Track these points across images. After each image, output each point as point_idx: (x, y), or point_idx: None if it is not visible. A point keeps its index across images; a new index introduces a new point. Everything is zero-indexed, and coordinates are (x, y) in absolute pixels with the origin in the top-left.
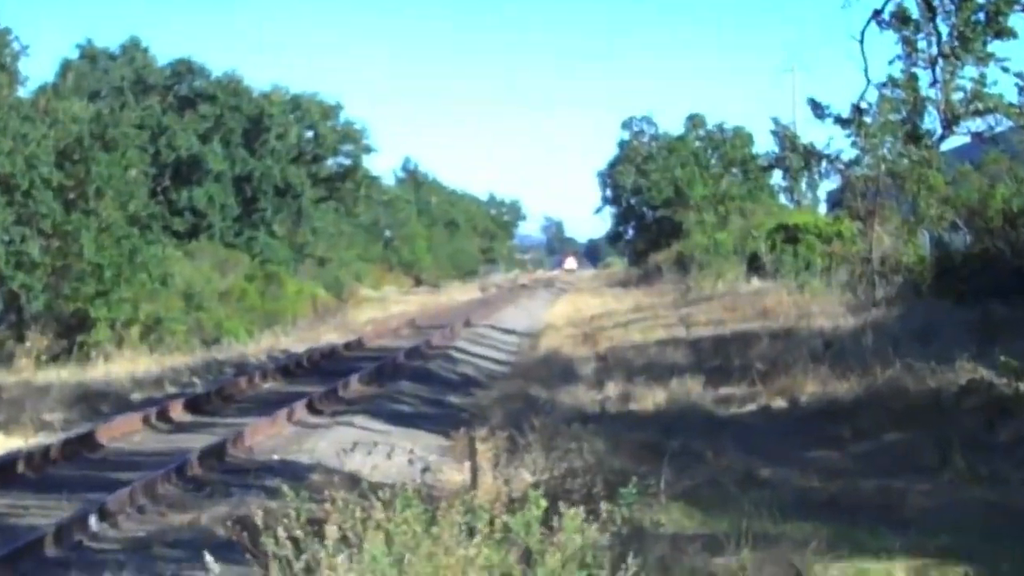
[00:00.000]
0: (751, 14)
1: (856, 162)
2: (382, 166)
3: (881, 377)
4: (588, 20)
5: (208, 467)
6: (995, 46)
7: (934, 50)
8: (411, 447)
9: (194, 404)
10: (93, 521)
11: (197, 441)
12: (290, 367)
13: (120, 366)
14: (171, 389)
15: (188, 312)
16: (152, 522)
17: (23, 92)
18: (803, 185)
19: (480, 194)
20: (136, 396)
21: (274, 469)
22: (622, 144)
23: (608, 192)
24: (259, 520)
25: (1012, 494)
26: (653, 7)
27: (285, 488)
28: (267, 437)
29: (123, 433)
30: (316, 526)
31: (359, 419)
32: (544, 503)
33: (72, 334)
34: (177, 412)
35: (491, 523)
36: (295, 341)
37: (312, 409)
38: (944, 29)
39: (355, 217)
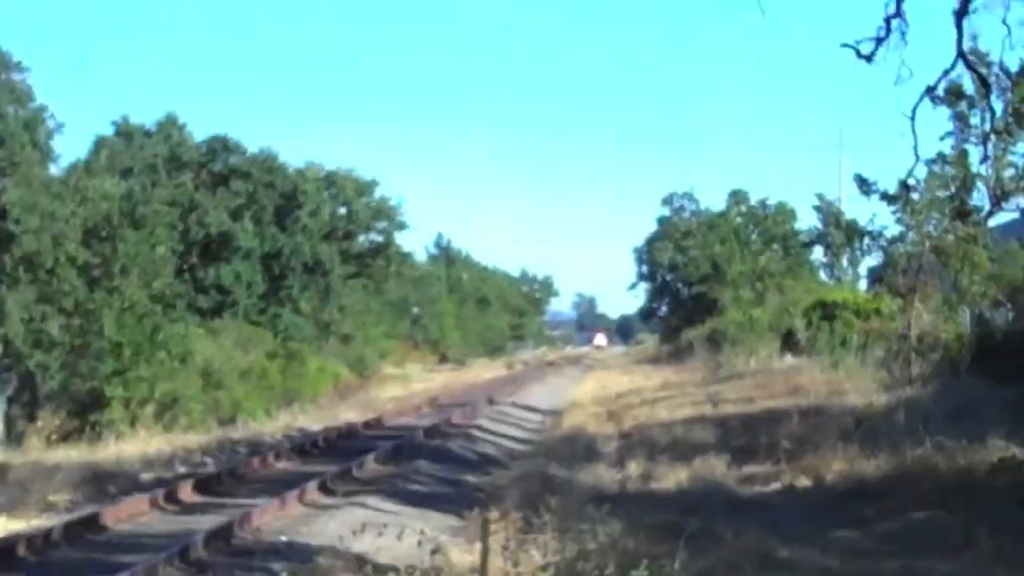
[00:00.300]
0: (798, 89)
1: (900, 239)
2: (415, 242)
3: (911, 456)
4: (631, 96)
5: (214, 549)
6: None
7: (987, 126)
8: (422, 528)
9: (204, 485)
10: None
11: (204, 523)
12: (306, 446)
13: (132, 446)
14: (182, 469)
15: (206, 390)
16: None
17: (55, 170)
18: (844, 261)
19: (512, 270)
20: (146, 476)
21: (281, 551)
22: (661, 220)
23: (644, 268)
24: None
25: None
26: (698, 82)
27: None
28: (275, 518)
29: (130, 515)
30: None
31: (372, 499)
32: None
33: (86, 413)
34: (186, 493)
35: None
36: (313, 420)
37: (325, 489)
38: (999, 106)
39: (384, 294)
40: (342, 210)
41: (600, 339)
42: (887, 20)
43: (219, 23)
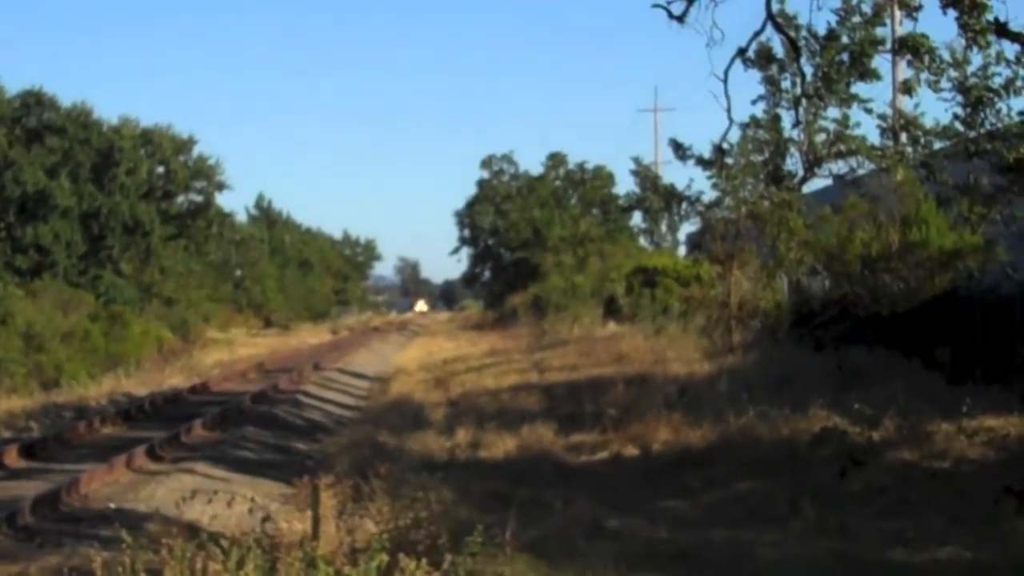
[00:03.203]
0: (617, 50)
1: (717, 204)
2: (235, 203)
3: (735, 425)
4: (448, 55)
5: (41, 516)
6: (858, 87)
7: (798, 90)
8: (253, 495)
9: (29, 450)
10: None
11: (30, 488)
12: (132, 411)
13: None
14: (6, 434)
15: (28, 353)
16: None
17: None
18: (663, 227)
19: (335, 232)
20: None
21: (109, 518)
22: (481, 183)
23: (466, 232)
24: (98, 569)
25: (861, 546)
26: (516, 42)
27: (124, 534)
28: (104, 484)
29: None
30: None
31: (201, 466)
32: (385, 555)
33: None
34: (11, 458)
35: (333, 575)
36: (138, 384)
37: (152, 455)
38: (808, 69)
39: (205, 256)
40: (160, 169)
41: (421, 305)
42: None
43: None
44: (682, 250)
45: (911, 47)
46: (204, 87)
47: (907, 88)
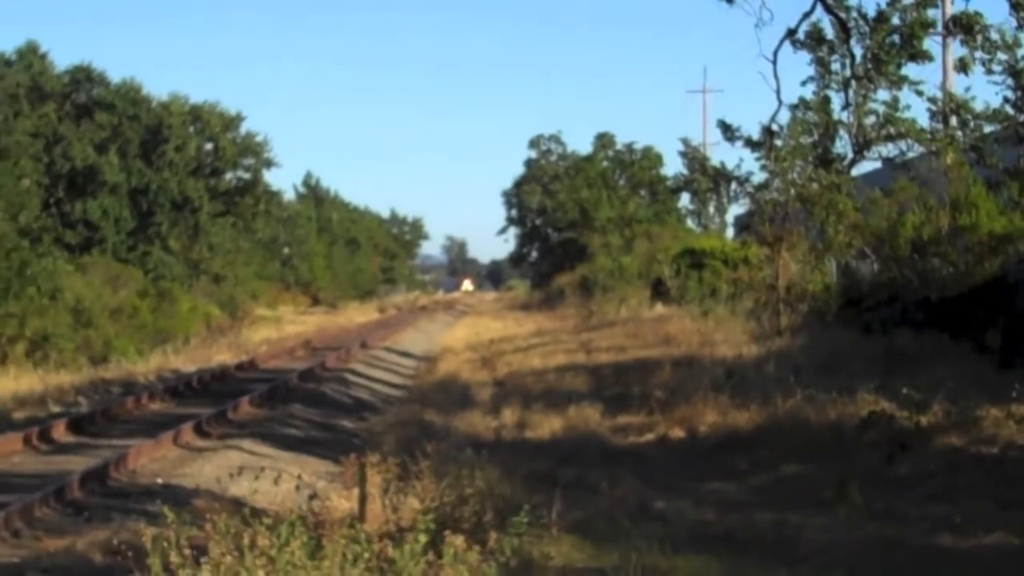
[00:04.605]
0: (666, 31)
1: (765, 186)
2: (283, 181)
3: (782, 408)
4: (497, 36)
5: (89, 490)
6: (909, 69)
7: (847, 72)
8: (299, 472)
9: (78, 425)
10: None
11: (79, 463)
12: (179, 388)
13: (3, 384)
14: (55, 409)
15: (77, 329)
16: (27, 547)
17: None
18: (711, 209)
19: (382, 210)
20: (18, 415)
21: (157, 493)
22: (529, 163)
23: (513, 212)
24: (148, 542)
25: (908, 531)
26: (564, 22)
27: (167, 510)
28: (151, 460)
29: (2, 454)
30: (197, 551)
31: (247, 443)
32: (429, 534)
33: None
34: (60, 432)
35: (377, 553)
36: (186, 361)
37: (200, 432)
38: (858, 51)
39: (253, 233)
40: (208, 145)
41: (467, 285)
42: None
43: None
44: (730, 232)
45: (964, 25)
46: (254, 66)
47: (963, 66)
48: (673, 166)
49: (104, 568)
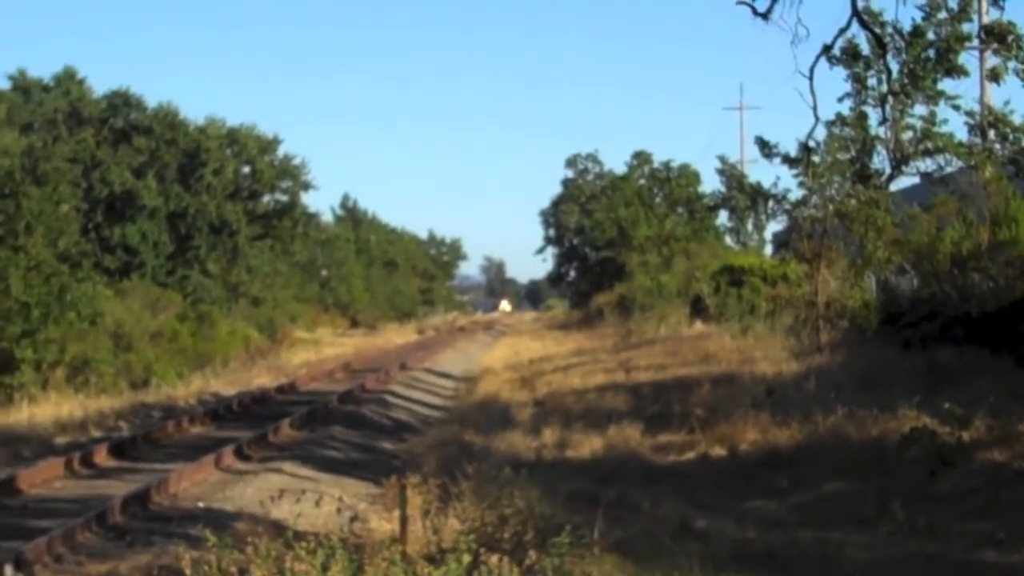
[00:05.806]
0: (702, 49)
1: (803, 202)
2: (321, 203)
3: (823, 425)
4: (534, 57)
5: (130, 515)
6: (945, 84)
7: (884, 87)
8: (340, 495)
9: (119, 449)
10: (9, 571)
11: (120, 488)
12: (220, 411)
13: (44, 409)
14: (96, 433)
15: (117, 353)
16: (69, 572)
17: None
18: (749, 226)
19: (420, 232)
20: (59, 440)
21: (198, 517)
22: (566, 182)
23: (551, 232)
24: (187, 568)
25: (951, 547)
26: (601, 42)
27: (208, 534)
28: (192, 484)
29: (44, 479)
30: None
31: (288, 465)
32: (470, 554)
33: None
34: (101, 457)
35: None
36: (226, 384)
37: (240, 455)
38: (894, 66)
39: (292, 255)
40: (246, 168)
41: (505, 305)
42: None
43: None
44: (768, 249)
45: (997, 34)
46: (290, 88)
47: (994, 75)
48: (710, 183)
49: None
